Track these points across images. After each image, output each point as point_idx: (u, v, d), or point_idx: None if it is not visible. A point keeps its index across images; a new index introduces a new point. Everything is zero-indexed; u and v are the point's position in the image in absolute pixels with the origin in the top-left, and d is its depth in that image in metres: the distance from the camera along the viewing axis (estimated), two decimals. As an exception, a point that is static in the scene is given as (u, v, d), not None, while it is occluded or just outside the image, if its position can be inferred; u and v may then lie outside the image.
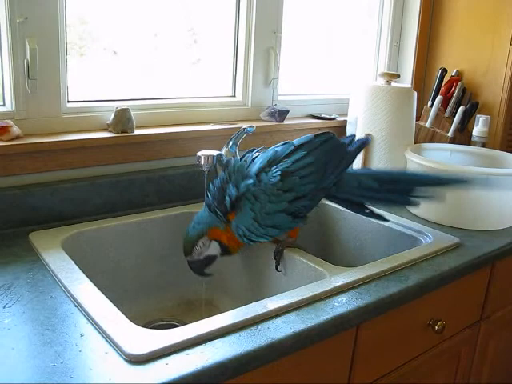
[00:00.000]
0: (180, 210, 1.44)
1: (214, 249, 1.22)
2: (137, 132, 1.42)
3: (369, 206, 1.31)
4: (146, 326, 1.24)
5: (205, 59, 1.70)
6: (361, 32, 2.16)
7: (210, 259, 1.24)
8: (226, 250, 1.23)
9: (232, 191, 1.17)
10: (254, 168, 1.18)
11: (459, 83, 1.99)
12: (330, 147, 1.24)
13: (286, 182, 1.15)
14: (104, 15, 1.47)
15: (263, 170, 1.17)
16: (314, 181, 1.19)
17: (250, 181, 1.16)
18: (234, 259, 1.38)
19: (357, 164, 1.69)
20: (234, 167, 1.20)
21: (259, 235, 1.17)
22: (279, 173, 1.15)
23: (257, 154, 1.25)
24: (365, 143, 1.35)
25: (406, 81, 2.14)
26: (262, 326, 0.89)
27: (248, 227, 1.16)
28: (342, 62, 2.11)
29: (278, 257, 1.26)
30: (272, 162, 1.18)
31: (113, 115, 1.39)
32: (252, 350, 0.83)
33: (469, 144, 1.85)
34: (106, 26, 1.49)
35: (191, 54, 1.67)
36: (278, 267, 1.26)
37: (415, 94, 1.73)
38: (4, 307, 0.91)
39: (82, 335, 0.84)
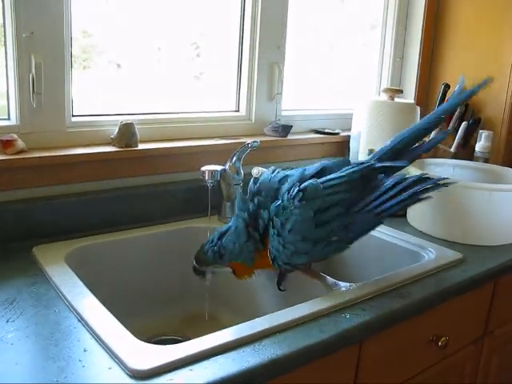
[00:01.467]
0: (183, 225, 1.44)
1: (224, 270, 1.19)
2: (141, 146, 1.43)
3: None
4: (148, 340, 1.22)
5: (208, 73, 1.71)
6: (363, 47, 2.17)
7: (216, 273, 1.22)
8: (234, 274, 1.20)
9: (264, 215, 1.11)
10: (284, 189, 1.12)
11: (462, 98, 1.99)
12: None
13: (306, 192, 1.08)
14: (108, 28, 1.48)
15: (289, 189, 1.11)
16: (343, 190, 1.10)
17: (279, 202, 1.10)
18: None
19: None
20: (266, 191, 1.14)
21: (288, 255, 1.09)
22: (297, 188, 1.09)
23: (283, 173, 1.17)
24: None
25: (409, 96, 2.14)
26: (265, 342, 0.89)
27: (276, 248, 1.09)
28: (345, 77, 2.12)
29: (281, 276, 1.24)
30: (300, 180, 1.11)
31: (117, 129, 1.39)
32: (255, 366, 0.83)
33: (471, 159, 1.85)
34: (110, 39, 1.50)
35: (194, 67, 1.68)
36: (281, 287, 1.24)
37: (418, 109, 1.74)
38: (7, 321, 0.91)
39: (85, 350, 0.84)
